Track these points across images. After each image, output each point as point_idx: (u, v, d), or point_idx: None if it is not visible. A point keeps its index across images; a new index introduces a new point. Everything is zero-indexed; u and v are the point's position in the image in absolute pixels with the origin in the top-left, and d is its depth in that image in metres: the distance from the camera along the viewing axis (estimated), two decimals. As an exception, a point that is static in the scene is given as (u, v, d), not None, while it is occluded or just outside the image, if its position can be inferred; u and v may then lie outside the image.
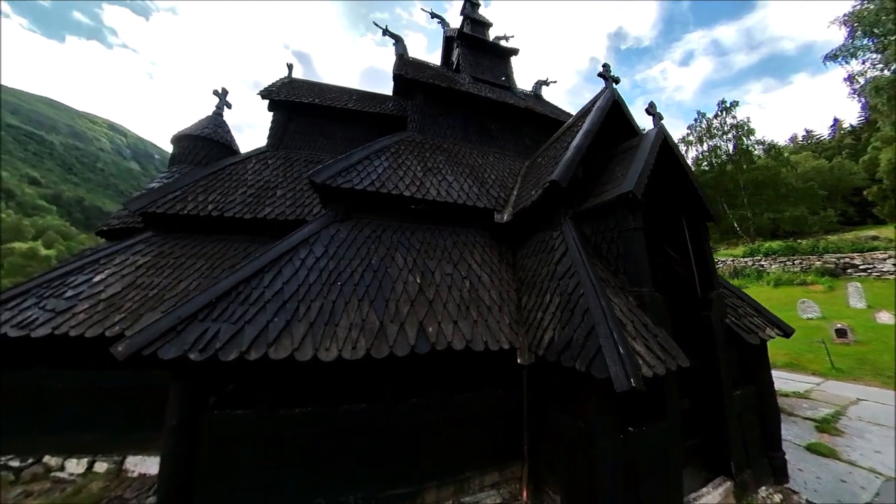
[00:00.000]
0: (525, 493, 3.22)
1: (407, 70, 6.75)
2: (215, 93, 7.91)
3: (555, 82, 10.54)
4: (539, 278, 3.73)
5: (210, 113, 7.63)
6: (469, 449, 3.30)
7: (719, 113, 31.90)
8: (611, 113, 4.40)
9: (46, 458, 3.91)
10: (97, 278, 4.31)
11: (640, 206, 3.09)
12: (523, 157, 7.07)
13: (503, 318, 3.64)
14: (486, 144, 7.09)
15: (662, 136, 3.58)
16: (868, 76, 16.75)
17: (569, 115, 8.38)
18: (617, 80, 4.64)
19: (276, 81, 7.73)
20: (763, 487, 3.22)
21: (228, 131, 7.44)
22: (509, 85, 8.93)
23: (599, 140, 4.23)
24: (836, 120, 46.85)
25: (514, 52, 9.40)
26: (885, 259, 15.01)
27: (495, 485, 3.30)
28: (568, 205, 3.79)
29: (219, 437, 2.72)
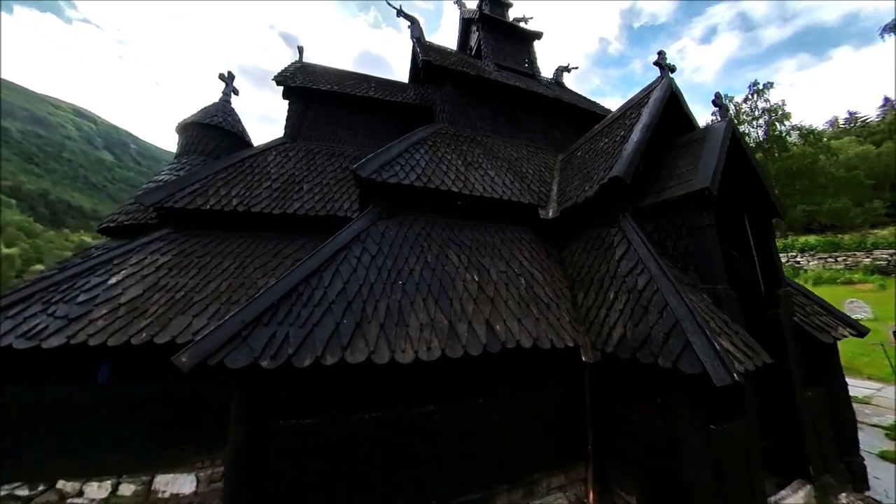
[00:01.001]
0: (591, 496, 3.29)
1: (435, 56, 6.69)
2: (221, 77, 7.69)
3: (576, 68, 10.55)
4: (596, 275, 3.78)
5: (217, 99, 7.41)
6: (534, 450, 3.36)
7: (750, 96, 29.11)
8: (667, 104, 4.44)
9: (61, 484, 3.64)
10: (113, 280, 4.16)
11: (714, 203, 3.15)
12: (553, 150, 7.12)
13: (562, 316, 3.69)
14: (515, 136, 7.09)
15: (732, 128, 3.64)
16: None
17: (596, 104, 8.44)
18: (673, 69, 4.68)
19: (289, 66, 7.59)
20: (843, 494, 3.32)
21: (239, 120, 7.26)
22: (533, 72, 8.94)
23: (655, 133, 4.27)
24: (886, 100, 41.27)
25: (538, 35, 9.39)
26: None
27: (561, 487, 3.35)
28: (626, 201, 3.84)
29: (286, 449, 2.69)
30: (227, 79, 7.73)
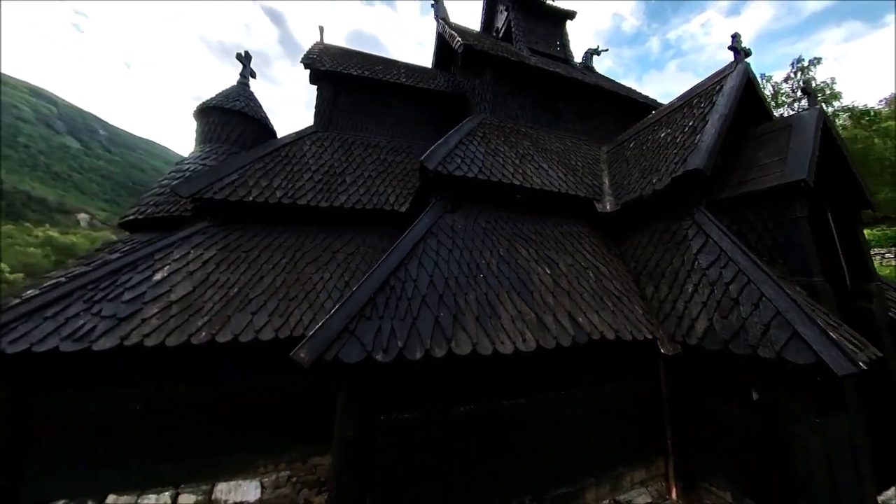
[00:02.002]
0: (675, 491, 3.53)
1: (475, 41, 6.82)
2: (238, 58, 7.66)
3: (605, 50, 10.76)
4: (667, 269, 4.01)
5: (234, 82, 7.39)
6: (615, 443, 3.62)
7: (792, 74, 26.36)
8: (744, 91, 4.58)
9: (112, 499, 3.62)
10: (158, 276, 4.21)
11: (808, 194, 3.39)
12: (593, 140, 7.35)
13: (635, 309, 3.92)
14: (555, 126, 7.30)
15: (823, 116, 3.86)
16: None
17: (634, 91, 8.64)
18: (748, 53, 4.89)
19: (313, 47, 7.62)
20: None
21: (260, 105, 7.28)
22: (565, 56, 9.14)
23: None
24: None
25: (571, 14, 9.55)
26: None
27: (643, 482, 3.60)
28: (702, 194, 4.07)
29: (389, 445, 2.84)
30: (245, 59, 7.68)
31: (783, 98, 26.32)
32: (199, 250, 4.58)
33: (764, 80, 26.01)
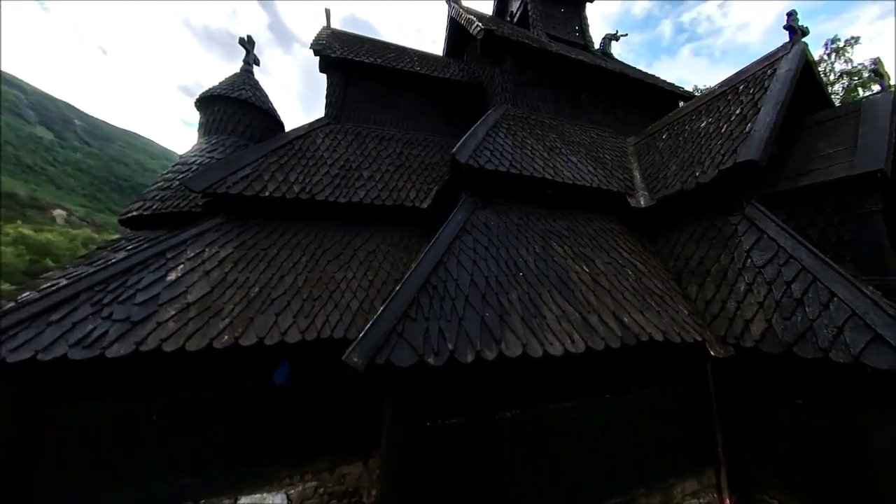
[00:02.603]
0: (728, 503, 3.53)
1: (494, 26, 6.77)
2: (241, 43, 7.56)
3: (625, 35, 10.72)
4: (713, 267, 4.00)
5: (238, 70, 7.29)
6: (663, 452, 3.61)
7: (826, 56, 25.19)
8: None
9: None
10: (171, 276, 4.14)
11: (883, 185, 3.35)
12: (617, 132, 7.34)
13: (680, 309, 3.92)
14: (577, 118, 7.28)
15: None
16: None
17: (659, 79, 8.59)
18: (806, 32, 4.79)
19: (321, 32, 7.54)
20: None
21: (266, 95, 7.19)
22: (585, 42, 9.09)
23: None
24: None
25: None
26: None
27: (695, 493, 3.60)
28: (754, 187, 4.06)
29: (439, 452, 2.83)
30: (248, 44, 7.58)
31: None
32: (215, 248, 4.52)
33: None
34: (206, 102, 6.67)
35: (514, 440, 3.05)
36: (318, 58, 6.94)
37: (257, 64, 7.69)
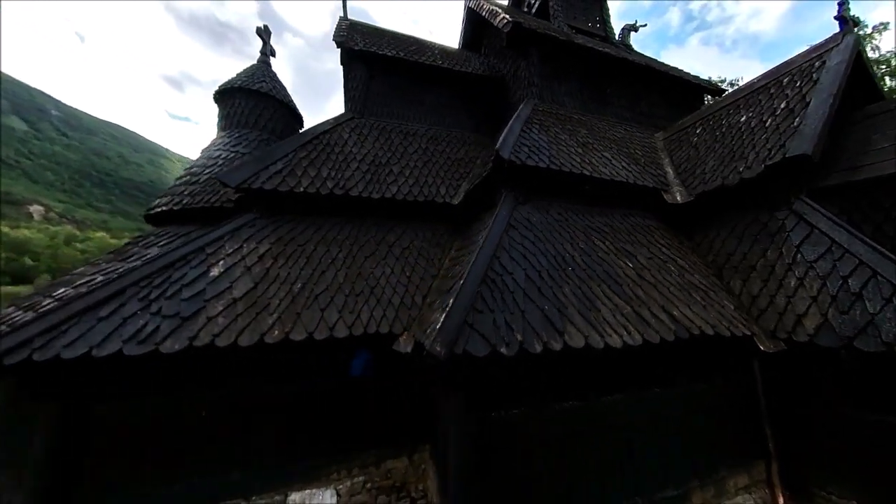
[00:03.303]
0: (781, 500, 3.74)
1: (522, 19, 6.96)
2: (258, 33, 7.71)
3: (644, 26, 10.95)
4: (758, 262, 4.20)
5: (256, 61, 7.43)
6: (714, 445, 3.81)
7: None
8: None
9: None
10: (214, 272, 4.29)
11: None
12: (644, 127, 7.56)
13: (725, 303, 4.13)
14: (602, 112, 7.48)
15: None
16: None
17: (684, 72, 8.82)
18: (857, 23, 5.00)
19: (341, 23, 7.71)
20: None
21: (285, 88, 7.34)
22: (606, 34, 9.30)
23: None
24: None
25: None
26: None
27: (746, 487, 3.81)
28: (802, 181, 4.26)
29: (504, 443, 3.01)
30: (265, 34, 7.74)
31: None
32: (252, 243, 4.68)
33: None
34: (226, 95, 6.82)
35: (569, 432, 3.24)
36: (339, 49, 7.11)
37: (273, 55, 7.84)
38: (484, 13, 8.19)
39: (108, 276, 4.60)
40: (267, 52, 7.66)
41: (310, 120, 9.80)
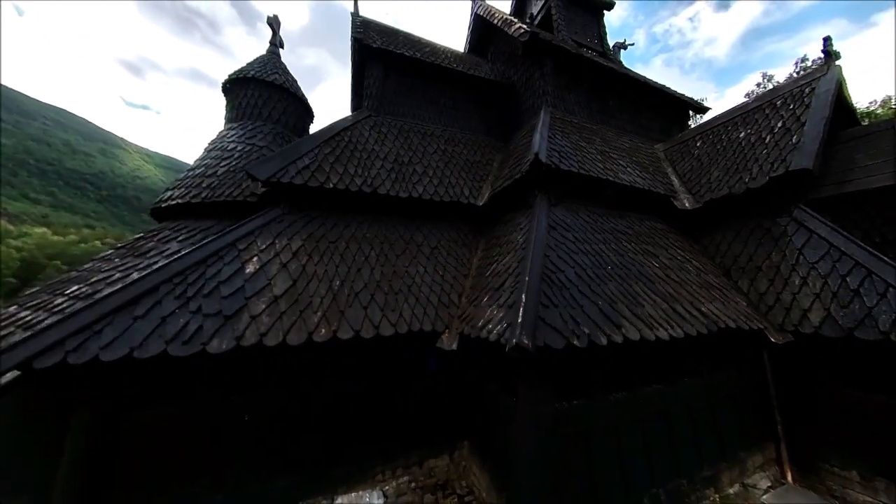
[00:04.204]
0: (790, 474, 4.18)
1: (537, 32, 7.26)
2: (269, 23, 7.50)
3: (632, 45, 11.71)
4: (764, 264, 4.67)
5: (264, 52, 7.21)
6: (734, 428, 4.16)
7: (796, 74, 25.59)
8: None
9: None
10: (249, 269, 4.12)
11: None
12: (642, 139, 8.10)
13: (738, 300, 4.56)
14: (606, 123, 7.94)
15: None
16: None
17: (672, 90, 9.52)
18: (838, 56, 5.82)
19: (356, 21, 7.64)
20: None
21: (295, 80, 7.17)
22: (603, 49, 9.86)
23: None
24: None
25: (610, 5, 10.28)
26: None
27: (761, 466, 4.21)
28: (801, 192, 4.81)
29: (569, 431, 3.18)
30: (275, 24, 7.54)
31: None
32: (284, 240, 4.56)
33: (765, 80, 25.64)
34: (237, 85, 6.58)
35: (626, 419, 3.47)
36: (357, 46, 7.07)
37: (282, 46, 7.64)
38: (497, 21, 8.45)
39: (127, 272, 4.32)
40: (276, 42, 7.48)
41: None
